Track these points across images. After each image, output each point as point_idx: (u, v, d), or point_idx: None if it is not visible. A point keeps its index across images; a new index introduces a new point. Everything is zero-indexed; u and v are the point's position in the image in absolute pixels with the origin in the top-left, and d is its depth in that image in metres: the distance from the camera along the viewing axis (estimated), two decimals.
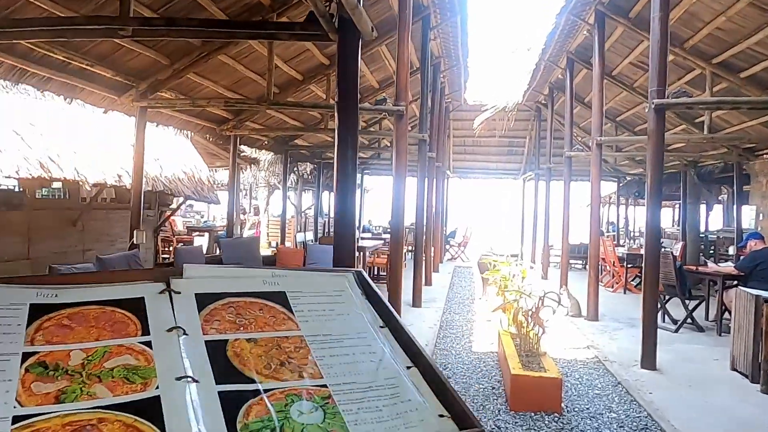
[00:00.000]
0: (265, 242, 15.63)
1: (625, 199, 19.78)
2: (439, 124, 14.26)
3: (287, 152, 12.36)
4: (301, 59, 8.67)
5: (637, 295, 11.43)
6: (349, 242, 3.80)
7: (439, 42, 10.45)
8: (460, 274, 14.43)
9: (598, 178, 8.54)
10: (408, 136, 11.36)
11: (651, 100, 5.74)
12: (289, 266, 8.75)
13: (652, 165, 5.77)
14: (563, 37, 9.86)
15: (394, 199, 6.41)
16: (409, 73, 6.27)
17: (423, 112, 9.08)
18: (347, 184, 3.66)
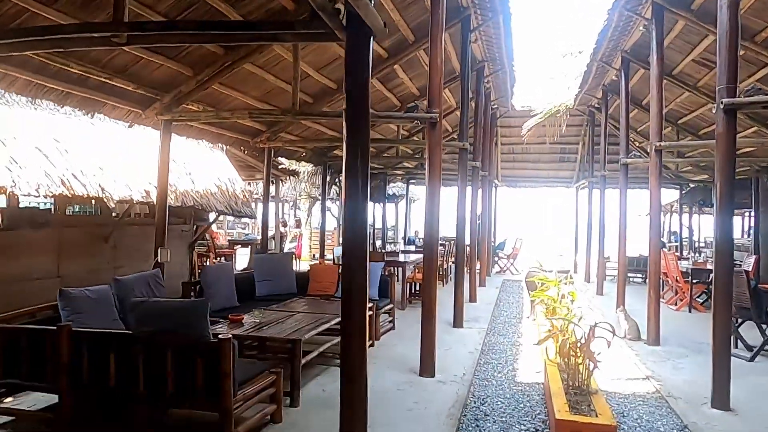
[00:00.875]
0: (308, 254, 15.39)
1: (689, 208, 18.47)
2: (485, 131, 13.62)
3: (326, 163, 12.04)
4: (334, 67, 8.31)
5: (703, 315, 10.43)
6: (361, 261, 3.33)
7: (481, 45, 9.89)
8: (508, 288, 13.69)
9: (657, 186, 7.74)
10: (447, 145, 10.81)
11: (719, 100, 5.02)
12: (322, 284, 8.37)
13: (722, 172, 5.04)
14: (617, 35, 9.11)
15: (426, 212, 5.91)
16: (442, 78, 5.77)
17: (463, 119, 8.53)
18: (357, 201, 3.21)
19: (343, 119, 3.19)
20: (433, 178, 5.79)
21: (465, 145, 8.34)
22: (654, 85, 7.70)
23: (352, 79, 3.18)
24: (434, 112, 5.68)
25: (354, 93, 3.16)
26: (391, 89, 10.08)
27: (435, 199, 5.85)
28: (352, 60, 3.19)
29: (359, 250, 3.35)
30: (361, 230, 3.32)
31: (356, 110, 3.15)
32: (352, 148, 3.13)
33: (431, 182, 5.81)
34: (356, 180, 3.14)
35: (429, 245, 5.94)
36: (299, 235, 14.14)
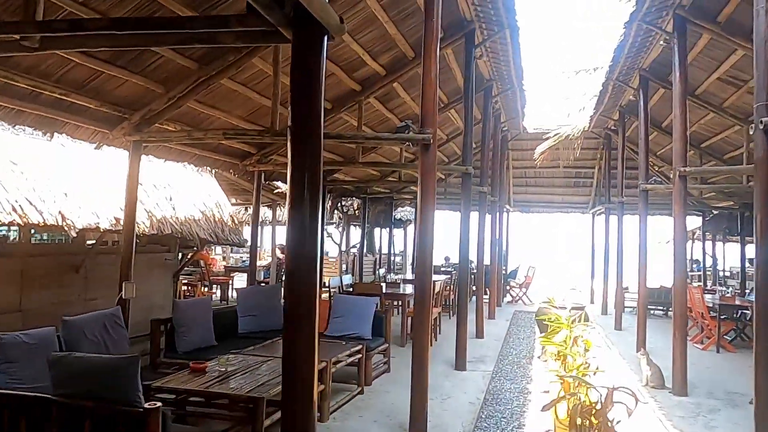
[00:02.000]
0: None
1: (712, 236, 17.50)
2: (494, 154, 12.95)
3: (325, 187, 11.41)
4: (327, 85, 7.71)
5: (732, 355, 9.52)
6: (309, 297, 2.62)
7: (488, 63, 9.26)
8: (519, 321, 12.83)
9: (682, 214, 6.96)
10: (450, 169, 10.13)
11: (758, 119, 4.30)
12: None
13: (763, 200, 4.29)
14: (634, 52, 8.42)
15: (419, 243, 5.22)
16: (437, 94, 5.12)
17: (467, 141, 7.86)
18: (304, 232, 2.52)
19: (288, 138, 2.53)
20: (427, 205, 5.11)
21: (468, 169, 7.64)
22: (677, 104, 6.97)
23: (299, 89, 2.54)
24: (427, 132, 5.01)
25: (301, 106, 2.51)
26: (392, 109, 9.47)
27: (429, 227, 5.16)
28: (299, 64, 2.54)
29: (309, 282, 2.62)
30: (307, 277, 2.61)
31: (304, 127, 2.49)
32: (297, 174, 2.46)
33: (424, 209, 5.12)
34: (302, 213, 2.47)
35: (422, 278, 5.22)
36: None
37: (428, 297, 5.16)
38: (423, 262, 5.14)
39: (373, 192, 14.47)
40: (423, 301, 5.17)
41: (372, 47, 7.34)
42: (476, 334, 10.23)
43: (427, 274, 5.14)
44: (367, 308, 7.36)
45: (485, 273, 14.27)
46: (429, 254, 5.14)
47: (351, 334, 7.11)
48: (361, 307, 7.39)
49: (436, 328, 9.91)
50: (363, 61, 7.43)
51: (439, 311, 10.15)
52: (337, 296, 7.79)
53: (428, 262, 5.14)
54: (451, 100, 10.49)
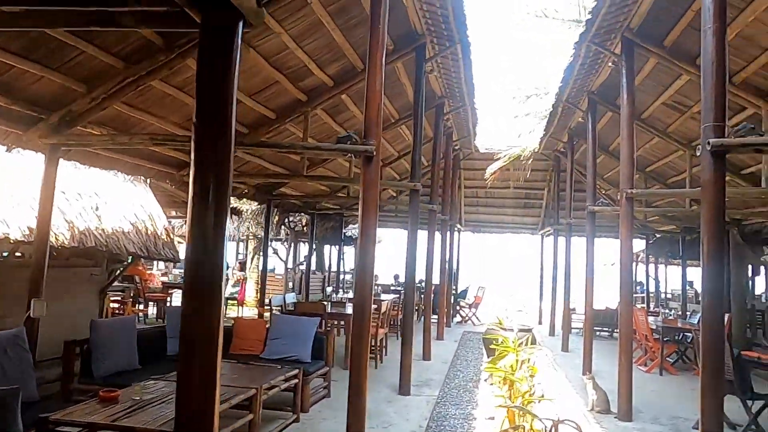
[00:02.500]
0: (253, 300, 14.12)
1: (655, 259, 17.90)
2: (446, 173, 12.84)
3: (270, 201, 10.97)
4: (271, 94, 7.38)
5: (676, 378, 9.56)
6: (210, 317, 2.24)
7: (440, 80, 9.12)
8: (468, 342, 12.64)
9: (628, 236, 6.91)
10: (397, 185, 9.88)
11: (705, 141, 4.20)
12: (247, 341, 7.19)
13: (711, 225, 4.18)
14: (584, 73, 8.44)
15: (359, 261, 4.90)
16: (381, 104, 4.86)
17: (415, 157, 7.64)
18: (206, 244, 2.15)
19: (192, 138, 2.18)
20: (368, 221, 4.80)
21: (416, 186, 7.42)
22: (624, 127, 6.96)
23: (206, 82, 2.20)
24: (370, 144, 4.73)
25: (208, 101, 2.17)
26: (341, 123, 9.19)
27: (370, 244, 4.84)
28: (208, 52, 2.21)
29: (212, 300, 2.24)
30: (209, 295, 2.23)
31: (210, 126, 2.16)
32: (201, 180, 2.12)
33: (365, 225, 4.81)
34: (204, 225, 2.11)
35: (361, 297, 4.89)
36: (243, 278, 12.95)
37: (367, 318, 4.83)
38: (363, 281, 4.83)
39: (322, 208, 14.09)
40: (362, 322, 4.83)
41: (319, 56, 7.05)
42: (423, 356, 9.96)
43: (367, 294, 4.81)
44: (307, 329, 6.97)
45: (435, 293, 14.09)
46: (369, 273, 4.82)
47: (289, 357, 6.70)
48: (301, 328, 6.99)
49: (381, 350, 9.57)
50: (309, 70, 7.12)
51: (385, 332, 9.83)
52: (276, 316, 7.35)
53: (368, 281, 4.82)
54: (402, 116, 10.30)
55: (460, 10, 6.72)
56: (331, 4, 6.01)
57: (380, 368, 8.93)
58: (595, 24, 6.72)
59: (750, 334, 12.22)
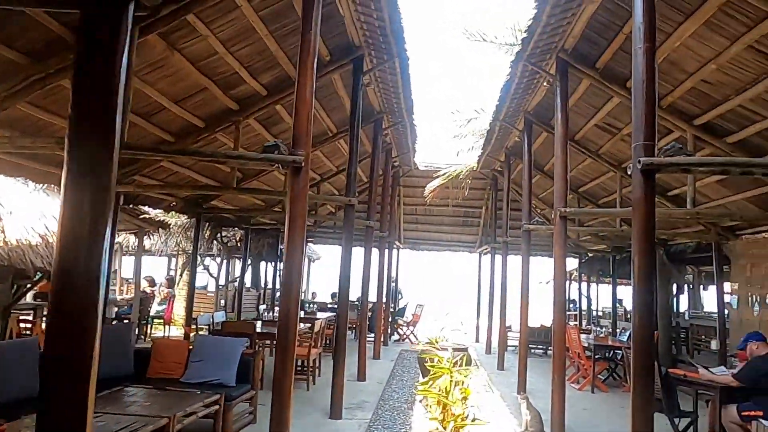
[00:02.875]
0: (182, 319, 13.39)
1: (587, 277, 18.38)
2: (384, 189, 12.71)
3: (200, 215, 10.45)
4: (200, 101, 7.00)
5: (607, 395, 9.68)
6: (83, 339, 1.90)
7: (378, 94, 8.98)
8: (404, 361, 12.43)
9: (562, 255, 6.92)
10: (331, 199, 9.64)
11: (636, 159, 4.20)
12: (167, 364, 6.69)
13: (641, 243, 4.15)
14: (520, 93, 8.52)
15: (284, 278, 4.61)
16: (311, 112, 4.61)
17: (351, 171, 7.43)
18: (78, 257, 1.83)
19: (66, 135, 1.87)
20: (295, 235, 4.52)
21: (351, 200, 7.19)
22: (558, 146, 7.01)
23: (86, 68, 1.90)
24: (299, 154, 4.47)
25: (89, 91, 1.87)
26: (276, 134, 8.87)
27: (296, 260, 4.56)
28: (89, 39, 1.91)
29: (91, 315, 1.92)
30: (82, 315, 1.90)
31: (90, 122, 1.85)
32: (76, 184, 1.80)
33: (292, 239, 4.52)
34: (79, 234, 1.79)
35: (286, 316, 4.56)
36: (170, 296, 12.27)
37: (292, 338, 4.52)
38: (288, 298, 4.52)
39: (257, 223, 13.62)
40: (286, 342, 4.51)
41: (251, 63, 6.76)
42: (358, 376, 9.66)
43: (293, 313, 4.51)
44: (232, 350, 6.55)
45: (372, 311, 13.85)
46: (295, 290, 4.53)
47: (211, 381, 6.25)
48: (226, 349, 6.57)
49: (315, 371, 9.21)
50: (241, 77, 6.81)
51: (319, 352, 9.48)
52: (199, 337, 6.88)
53: (294, 298, 4.52)
54: (340, 130, 10.09)
55: (397, 24, 6.60)
56: (263, 9, 5.74)
57: (313, 390, 8.57)
58: (531, 43, 6.77)
59: (675, 350, 12.65)
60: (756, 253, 9.18)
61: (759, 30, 5.01)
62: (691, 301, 17.20)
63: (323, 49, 7.09)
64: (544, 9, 5.93)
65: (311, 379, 8.86)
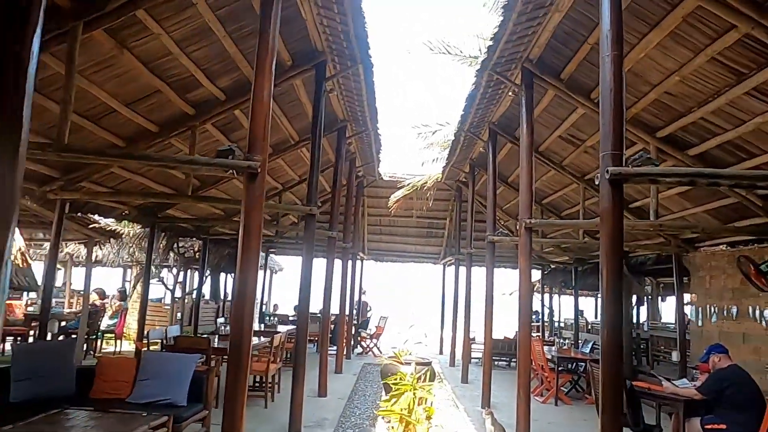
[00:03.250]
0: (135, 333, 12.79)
1: (550, 288, 18.49)
2: (348, 199, 12.48)
3: (155, 224, 10.00)
4: (153, 104, 6.66)
5: (570, 408, 9.61)
6: None
7: (341, 101, 8.79)
8: (367, 375, 12.15)
9: (527, 267, 6.81)
10: (292, 209, 9.38)
11: (604, 169, 4.10)
12: (112, 383, 6.27)
13: (609, 254, 4.04)
14: (486, 102, 8.44)
15: (237, 290, 4.32)
16: (269, 115, 4.36)
17: (312, 180, 7.19)
18: None
19: None
20: (250, 244, 4.25)
21: (312, 210, 6.94)
22: (524, 156, 6.93)
23: None
24: (255, 159, 4.21)
25: None
26: (235, 141, 8.53)
27: (250, 271, 4.29)
28: None
29: None
30: None
31: None
32: None
33: (246, 249, 4.25)
34: None
35: (238, 332, 4.27)
36: (122, 309, 11.70)
37: (245, 354, 4.22)
38: (241, 312, 4.23)
39: (216, 233, 13.19)
40: (239, 359, 4.22)
41: (208, 66, 6.46)
42: (318, 391, 9.34)
43: (246, 327, 4.22)
44: (183, 367, 6.17)
45: (334, 323, 13.54)
46: (249, 303, 4.25)
47: (160, 401, 5.86)
48: (177, 366, 6.19)
49: (274, 387, 8.86)
50: (197, 80, 6.50)
51: (278, 367, 9.12)
52: (147, 353, 6.47)
53: (248, 311, 4.23)
54: (302, 138, 9.84)
55: (361, 28, 6.42)
56: (220, 8, 5.48)
57: (271, 407, 8.22)
58: (497, 52, 6.69)
59: (636, 362, 12.75)
60: (715, 265, 9.31)
61: (722, 42, 5.03)
62: (650, 312, 17.46)
63: (285, 54, 6.86)
64: (510, 17, 5.84)
65: (270, 395, 8.52)
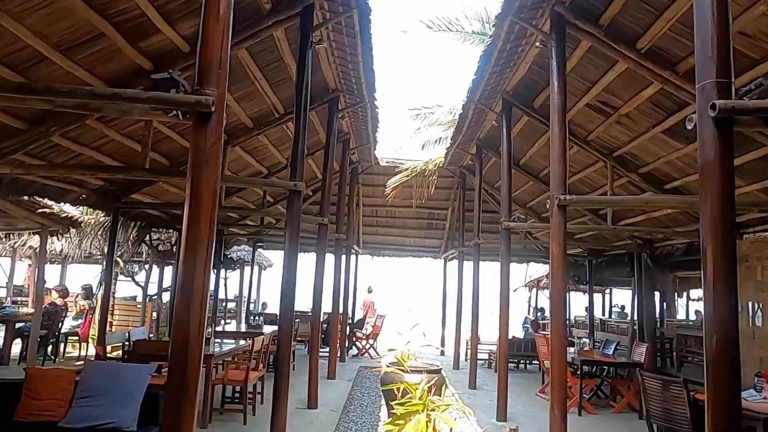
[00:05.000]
0: None
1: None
2: (341, 185, 11.15)
3: (119, 211, 8.64)
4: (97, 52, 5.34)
5: (597, 419, 8.39)
6: None
7: (333, 61, 7.50)
8: (364, 381, 10.88)
9: (561, 254, 5.52)
10: (276, 184, 8.19)
11: (706, 104, 2.85)
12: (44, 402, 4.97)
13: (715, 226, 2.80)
14: (501, 65, 7.18)
15: (180, 279, 3.06)
16: (228, 33, 3.08)
17: (297, 149, 5.89)
18: None
19: None
20: (198, 217, 2.99)
21: (298, 185, 5.65)
22: (555, 120, 5.62)
23: None
24: (206, 93, 2.95)
25: None
26: None
27: (198, 257, 3.04)
28: None
29: None
30: None
31: None
32: None
33: (194, 225, 3.00)
34: None
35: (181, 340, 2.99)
36: (86, 309, 10.36)
37: (193, 366, 2.96)
38: (185, 315, 2.97)
39: None
40: (182, 377, 2.95)
41: (166, 4, 5.16)
42: (308, 402, 8.07)
43: (193, 334, 2.95)
44: (134, 381, 4.89)
45: (327, 323, 12.26)
46: (197, 297, 2.99)
47: (103, 425, 4.60)
48: (126, 379, 4.91)
49: (255, 398, 7.57)
50: (153, 24, 5.19)
51: (260, 375, 7.83)
52: (89, 365, 5.12)
53: (194, 314, 2.96)
54: (288, 111, 8.54)
55: None
56: None
57: (252, 423, 6.95)
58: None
59: (660, 363, 11.56)
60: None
61: None
62: (666, 308, 16.26)
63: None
64: None
65: (251, 408, 7.24)
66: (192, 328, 2.94)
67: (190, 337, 2.94)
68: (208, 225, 3.02)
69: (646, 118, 7.08)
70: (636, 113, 7.04)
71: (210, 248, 3.07)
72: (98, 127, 6.49)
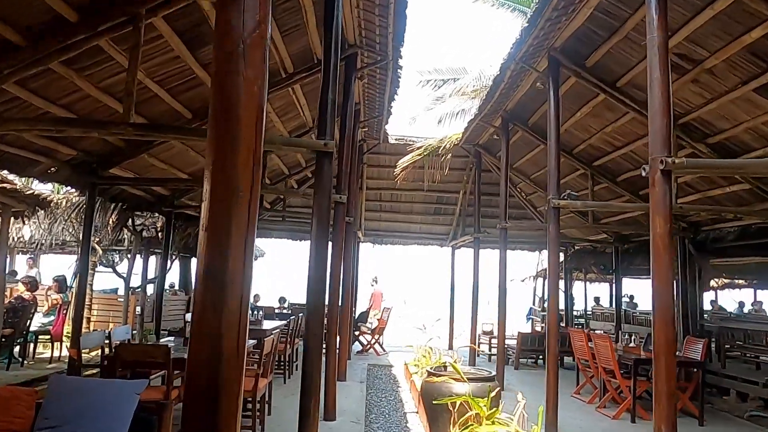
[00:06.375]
0: None
1: (579, 273, 16.18)
2: (349, 165, 9.82)
3: (96, 186, 7.24)
4: None
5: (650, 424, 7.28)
6: None
7: (356, 11, 6.19)
8: (377, 381, 9.70)
9: (666, 234, 4.30)
10: (301, 143, 7.08)
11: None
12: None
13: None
14: (506, 89, 6.38)
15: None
16: None
17: (326, 97, 4.60)
18: None
19: None
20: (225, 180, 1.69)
21: (329, 145, 4.37)
22: (655, 59, 4.45)
23: None
24: None
25: None
26: (205, 46, 5.93)
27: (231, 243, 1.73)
28: None
29: None
30: None
31: None
32: None
33: (217, 189, 1.69)
34: None
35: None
36: (60, 304, 8.97)
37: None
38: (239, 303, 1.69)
39: (183, 205, 10.26)
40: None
41: None
42: (325, 413, 6.81)
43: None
44: (118, 405, 3.60)
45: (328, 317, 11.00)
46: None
47: None
48: (106, 400, 3.62)
49: (264, 408, 6.31)
50: None
51: (268, 381, 6.57)
52: (56, 381, 3.75)
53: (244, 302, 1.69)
54: (298, 69, 7.26)
55: None
56: None
57: None
58: None
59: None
60: None
61: None
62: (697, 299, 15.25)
63: None
64: None
65: (258, 422, 5.98)
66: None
67: None
68: (251, 165, 1.75)
69: (733, 73, 5.93)
70: (723, 66, 5.89)
71: (253, 207, 1.80)
72: (68, 76, 5.12)
